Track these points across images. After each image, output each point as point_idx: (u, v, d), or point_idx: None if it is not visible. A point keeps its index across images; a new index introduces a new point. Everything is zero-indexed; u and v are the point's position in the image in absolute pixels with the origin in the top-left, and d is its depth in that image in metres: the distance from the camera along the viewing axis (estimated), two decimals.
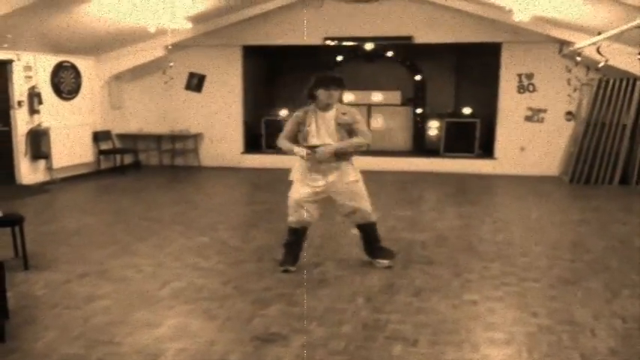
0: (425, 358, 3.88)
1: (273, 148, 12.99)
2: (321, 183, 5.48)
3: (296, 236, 5.68)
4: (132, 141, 13.10)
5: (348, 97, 13.77)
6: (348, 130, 5.41)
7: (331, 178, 5.46)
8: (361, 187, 5.62)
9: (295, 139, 5.54)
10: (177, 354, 3.91)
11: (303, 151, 5.37)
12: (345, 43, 12.58)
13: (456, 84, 14.15)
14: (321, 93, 5.35)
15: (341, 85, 5.43)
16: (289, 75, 14.44)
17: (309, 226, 5.74)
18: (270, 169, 12.44)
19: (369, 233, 5.77)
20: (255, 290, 5.14)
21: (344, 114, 5.42)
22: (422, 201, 9.56)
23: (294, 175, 5.61)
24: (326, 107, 5.41)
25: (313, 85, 5.38)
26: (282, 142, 5.55)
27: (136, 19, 9.95)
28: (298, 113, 5.54)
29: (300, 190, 5.53)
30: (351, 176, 5.52)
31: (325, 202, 5.66)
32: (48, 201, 9.37)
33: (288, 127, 5.59)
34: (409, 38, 11.95)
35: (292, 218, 5.62)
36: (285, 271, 5.58)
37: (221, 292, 5.10)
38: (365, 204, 5.63)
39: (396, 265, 5.87)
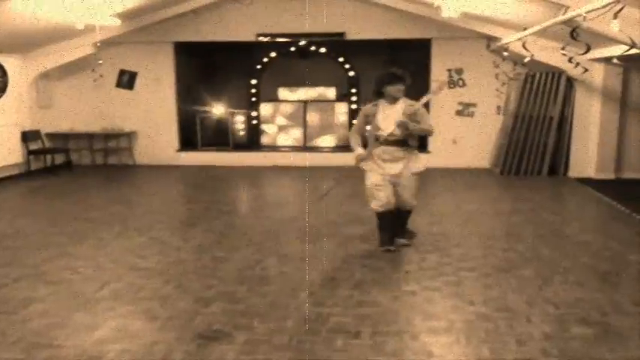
0: (367, 349, 3.95)
1: (209, 146, 13.01)
2: (389, 171, 5.99)
3: (384, 219, 6.15)
4: (62, 140, 12.76)
5: (283, 94, 13.84)
6: (413, 120, 5.88)
7: (398, 167, 5.99)
8: (418, 179, 6.16)
9: (364, 130, 6.22)
10: (119, 355, 3.86)
11: (358, 152, 6.13)
12: (277, 40, 12.57)
13: None
14: (389, 89, 5.92)
15: (404, 79, 5.96)
16: (224, 72, 14.35)
17: (392, 208, 6.09)
18: (206, 166, 12.37)
19: (405, 218, 6.37)
20: (196, 289, 5.12)
21: (411, 105, 5.95)
22: (359, 195, 9.63)
23: (367, 165, 6.12)
24: (393, 100, 5.96)
25: (380, 83, 5.98)
26: (353, 136, 6.28)
27: (63, 16, 9.66)
28: (367, 107, 6.19)
29: (372, 177, 6.07)
30: (420, 164, 6.12)
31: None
32: None
33: (357, 121, 6.34)
34: (341, 34, 12.08)
35: (373, 204, 6.13)
36: (387, 250, 6.15)
37: (162, 292, 5.05)
38: (413, 194, 6.16)
39: (336, 259, 5.96)
